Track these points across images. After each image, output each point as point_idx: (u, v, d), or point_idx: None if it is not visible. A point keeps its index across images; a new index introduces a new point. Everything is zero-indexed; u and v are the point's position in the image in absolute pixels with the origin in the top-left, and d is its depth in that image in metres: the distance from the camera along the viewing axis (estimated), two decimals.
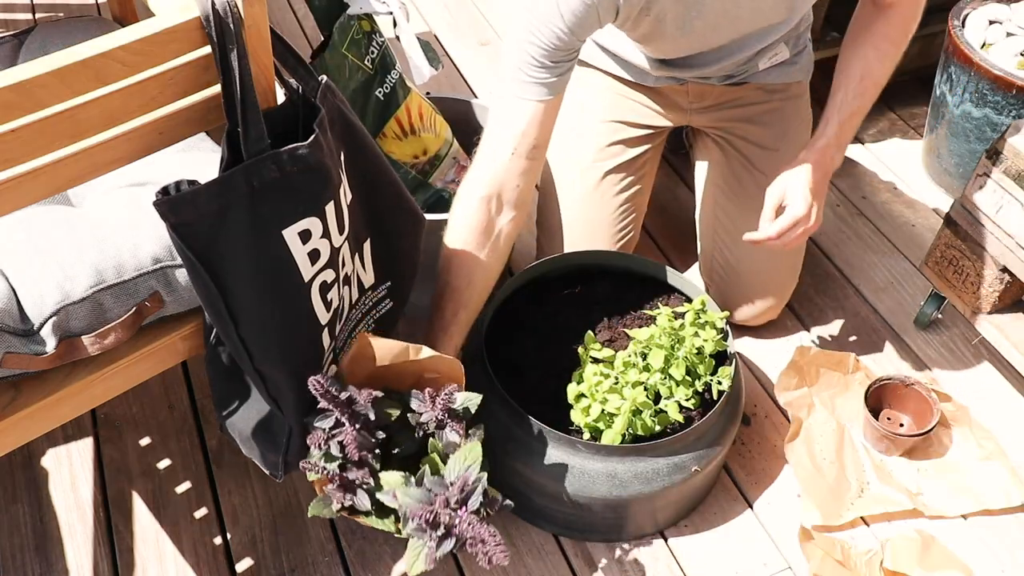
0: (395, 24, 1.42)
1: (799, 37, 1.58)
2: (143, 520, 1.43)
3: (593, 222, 1.62)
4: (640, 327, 1.43)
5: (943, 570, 1.36)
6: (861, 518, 1.46)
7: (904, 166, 2.09)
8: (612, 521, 1.38)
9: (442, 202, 1.62)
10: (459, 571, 1.39)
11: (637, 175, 1.64)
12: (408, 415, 1.15)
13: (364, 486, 1.09)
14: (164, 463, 1.50)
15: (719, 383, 1.33)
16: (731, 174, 1.63)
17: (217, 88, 0.92)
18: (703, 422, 1.31)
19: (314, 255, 0.98)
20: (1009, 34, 1.81)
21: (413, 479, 1.09)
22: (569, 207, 1.63)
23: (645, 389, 1.30)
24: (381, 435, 1.10)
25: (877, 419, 1.50)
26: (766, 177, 1.57)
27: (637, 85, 1.61)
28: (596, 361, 1.37)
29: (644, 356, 1.33)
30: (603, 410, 1.29)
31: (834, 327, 1.75)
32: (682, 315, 1.40)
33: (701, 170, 1.69)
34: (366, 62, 1.46)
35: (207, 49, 0.89)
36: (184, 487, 1.47)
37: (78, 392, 1.10)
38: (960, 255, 1.57)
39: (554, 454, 1.29)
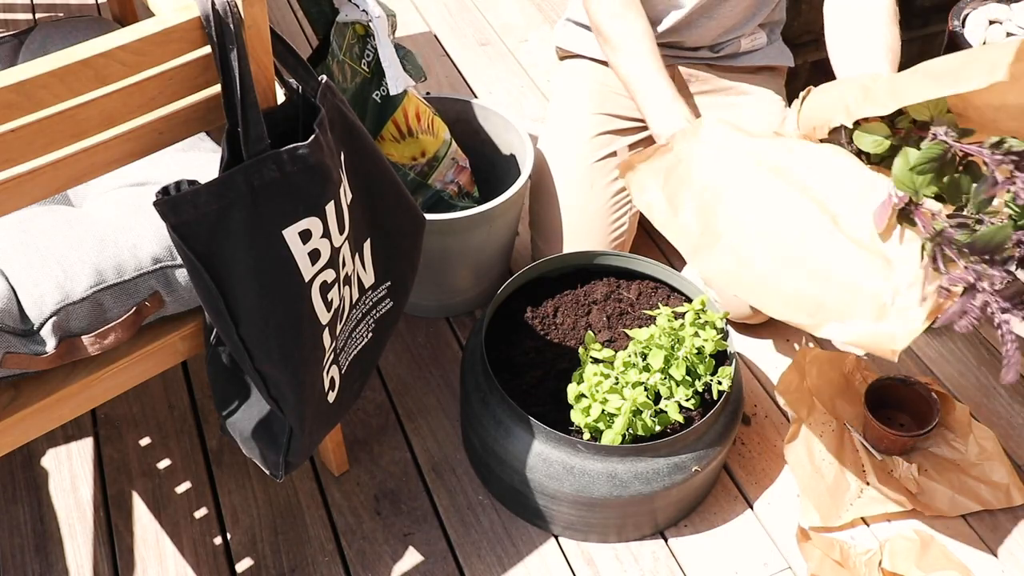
0: (377, 33, 1.43)
1: (772, 30, 1.70)
2: (143, 520, 1.43)
3: (588, 211, 1.64)
4: (640, 327, 1.43)
5: (941, 571, 1.36)
6: (861, 518, 1.46)
7: None
8: (612, 521, 1.38)
9: (442, 203, 1.62)
10: (459, 571, 1.39)
11: None
12: None
13: None
14: (164, 463, 1.50)
15: (719, 383, 1.33)
16: None
17: (217, 88, 0.92)
18: (703, 422, 1.31)
19: (314, 255, 0.98)
20: (1009, 34, 1.81)
21: None
22: (565, 197, 1.65)
23: (645, 389, 1.30)
24: None
25: (877, 419, 1.50)
26: None
27: None
28: (596, 361, 1.37)
29: (644, 356, 1.33)
30: (603, 410, 1.29)
31: None
32: (682, 315, 1.41)
33: None
34: (362, 65, 1.46)
35: (207, 49, 0.89)
36: (184, 487, 1.47)
37: (78, 392, 1.10)
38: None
39: (554, 454, 1.29)
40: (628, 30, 1.47)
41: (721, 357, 1.41)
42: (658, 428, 1.31)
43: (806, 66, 2.07)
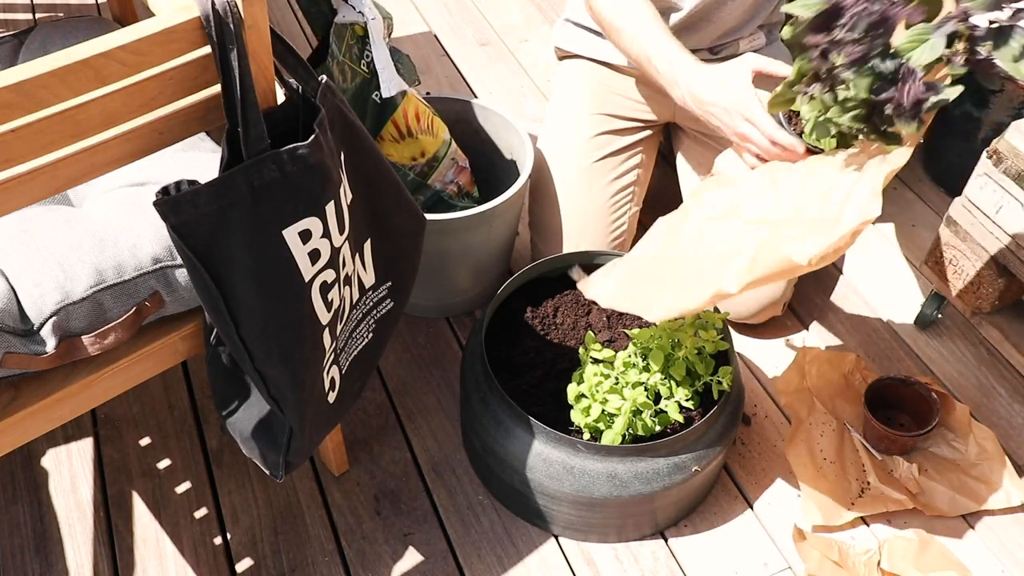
0: (372, 36, 1.43)
1: (771, 31, 1.68)
2: (143, 520, 1.43)
3: (587, 211, 1.64)
4: (640, 327, 1.43)
5: (939, 571, 1.36)
6: (861, 518, 1.46)
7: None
8: (612, 521, 1.38)
9: (441, 203, 1.62)
10: (459, 571, 1.39)
11: (629, 166, 1.68)
12: None
13: None
14: (164, 463, 1.50)
15: (719, 383, 1.33)
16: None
17: (217, 88, 0.92)
18: (703, 422, 1.31)
19: (314, 255, 0.98)
20: None
21: None
22: (564, 197, 1.65)
23: (645, 389, 1.30)
24: None
25: (877, 419, 1.50)
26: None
27: (624, 72, 1.68)
28: (596, 361, 1.37)
29: (644, 356, 1.33)
30: (603, 410, 1.29)
31: (834, 327, 1.75)
32: None
33: (686, 171, 1.72)
34: (362, 66, 1.46)
35: (207, 49, 0.89)
36: (184, 487, 1.47)
37: (78, 392, 1.10)
38: (960, 255, 1.57)
39: (554, 454, 1.29)
40: (626, 7, 1.45)
41: (721, 357, 1.41)
42: (658, 428, 1.31)
43: None
